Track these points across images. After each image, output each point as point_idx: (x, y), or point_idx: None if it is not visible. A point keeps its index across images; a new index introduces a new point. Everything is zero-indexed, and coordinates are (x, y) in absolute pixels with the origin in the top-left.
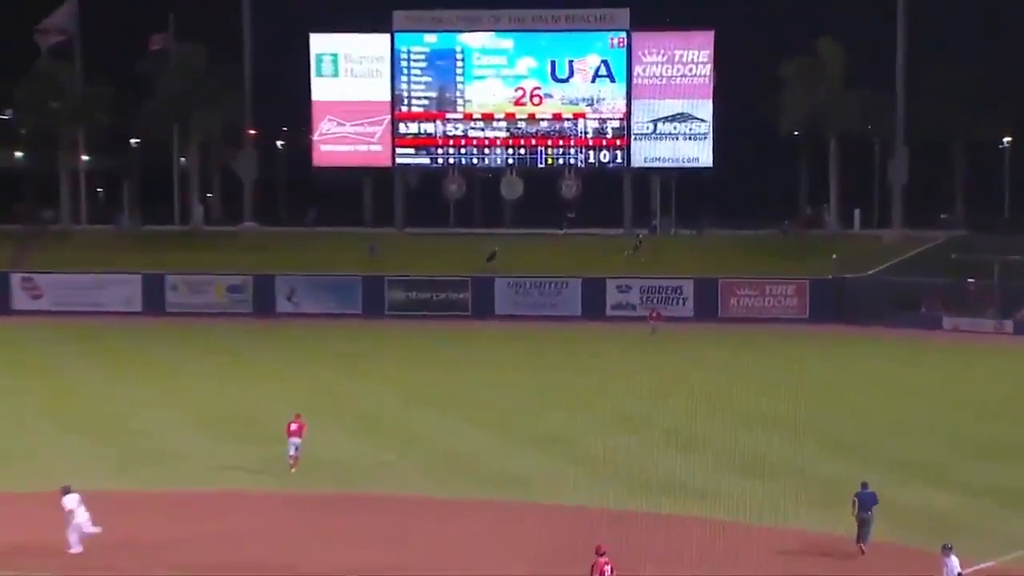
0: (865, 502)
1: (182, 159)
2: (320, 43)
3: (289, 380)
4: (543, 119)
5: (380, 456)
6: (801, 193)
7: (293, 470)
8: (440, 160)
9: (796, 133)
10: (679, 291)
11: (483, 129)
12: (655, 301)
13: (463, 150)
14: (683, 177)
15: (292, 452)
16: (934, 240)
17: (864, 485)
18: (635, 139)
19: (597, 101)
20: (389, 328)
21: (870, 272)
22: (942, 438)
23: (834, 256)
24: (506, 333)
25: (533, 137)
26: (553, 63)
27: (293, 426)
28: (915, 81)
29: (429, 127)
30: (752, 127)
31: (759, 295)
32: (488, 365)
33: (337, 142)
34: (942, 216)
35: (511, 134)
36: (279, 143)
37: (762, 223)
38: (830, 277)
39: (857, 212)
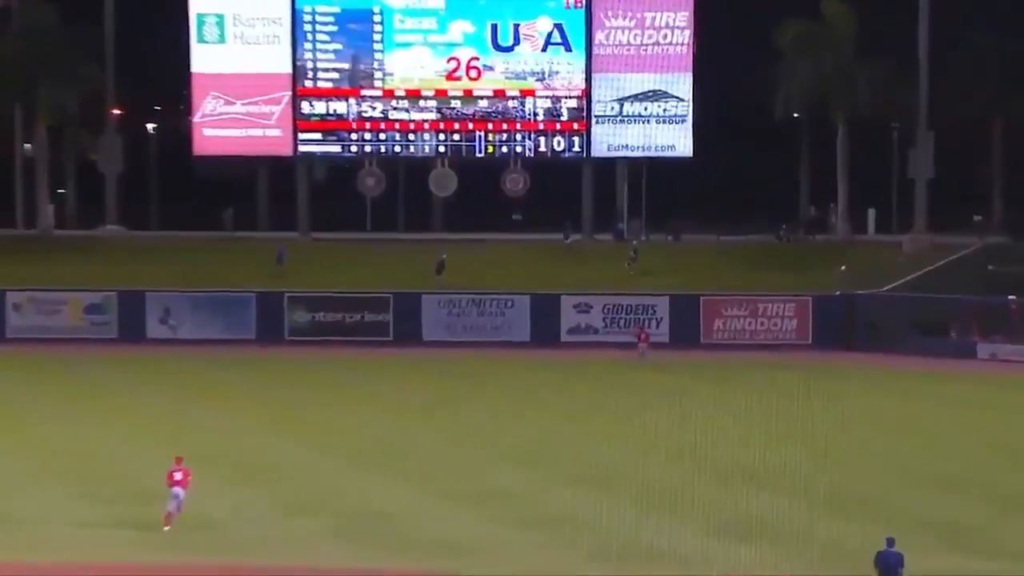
0: (891, 564)
1: (26, 145)
2: (201, 0)
3: (163, 423)
4: (482, 97)
5: (277, 517)
6: (802, 190)
7: (166, 528)
8: (354, 148)
9: (796, 116)
10: (652, 311)
11: (407, 110)
12: (637, 322)
13: (383, 136)
14: (656, 169)
15: (172, 507)
16: (966, 248)
17: (889, 543)
18: (596, 122)
19: (549, 75)
20: (290, 357)
21: (887, 288)
22: (977, 493)
23: (842, 268)
24: (436, 364)
25: (470, 120)
26: (494, 27)
27: (177, 475)
28: (942, 51)
29: (340, 107)
30: (742, 108)
31: (750, 316)
32: (412, 404)
33: (224, 125)
34: (976, 218)
35: (443, 116)
36: (150, 126)
37: (754, 227)
38: (838, 294)
39: (871, 213)
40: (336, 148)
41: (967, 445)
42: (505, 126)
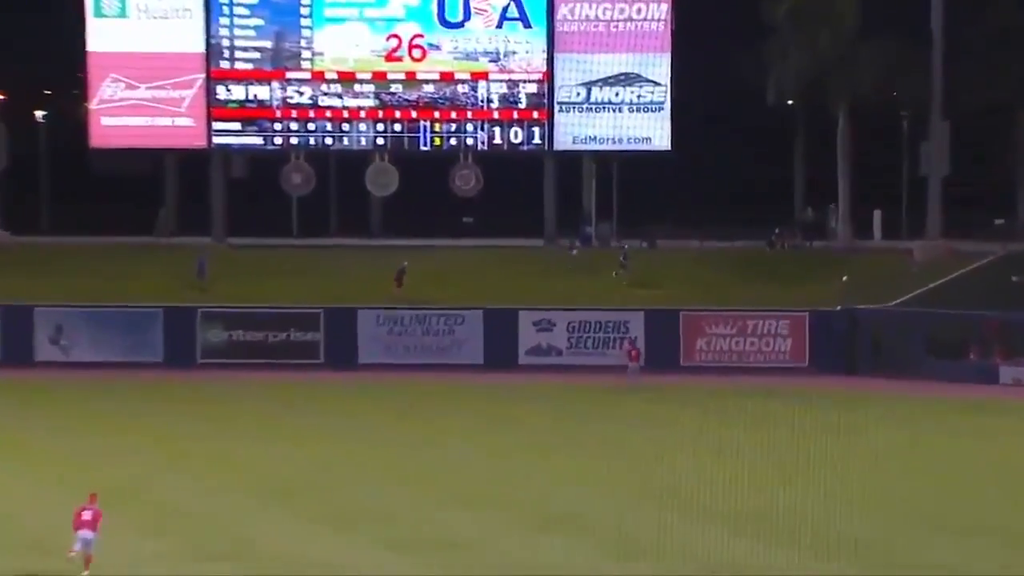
0: None
1: None
2: None
3: (53, 460)
4: (427, 81)
5: (185, 566)
6: (797, 189)
7: (85, 573)
8: (278, 140)
9: (790, 103)
10: (624, 328)
11: (340, 95)
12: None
13: (311, 126)
14: (629, 165)
15: (78, 547)
16: (986, 256)
17: None
18: (560, 110)
19: (505, 55)
20: (202, 383)
21: (896, 302)
22: (999, 540)
23: (844, 278)
24: (374, 391)
25: (413, 107)
26: (441, 0)
27: (86, 514)
28: (959, 28)
29: (261, 92)
30: (728, 94)
31: (738, 334)
32: (345, 437)
33: (126, 112)
34: (997, 222)
35: (381, 103)
36: (39, 114)
37: (742, 231)
38: (839, 309)
39: (877, 215)
40: (257, 140)
41: (987, 484)
42: (454, 115)
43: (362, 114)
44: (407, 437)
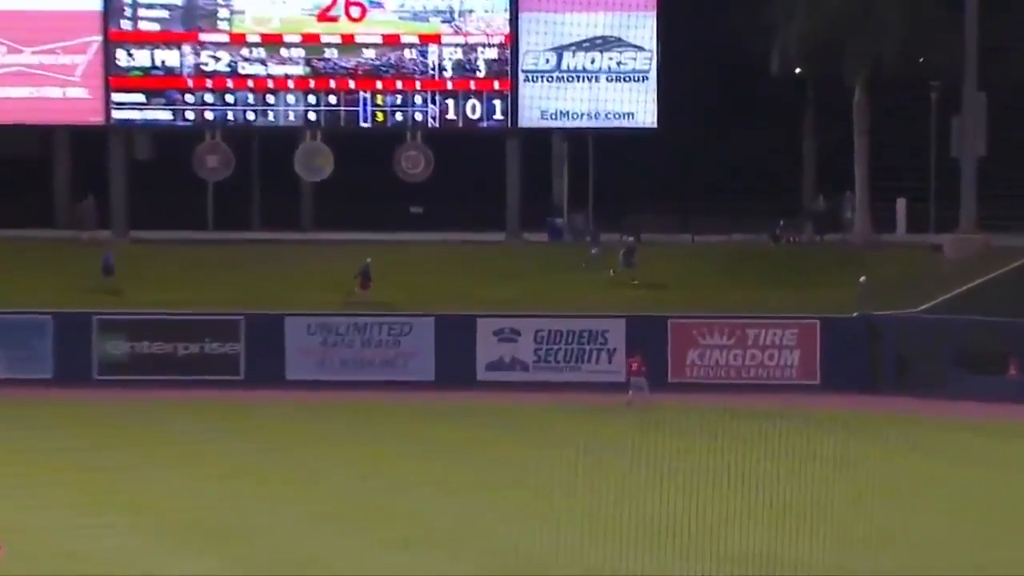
0: None
1: None
2: None
3: None
4: (368, 45)
5: None
6: (806, 173)
7: None
8: (190, 115)
9: (798, 72)
10: (602, 338)
11: (264, 62)
12: (631, 352)
13: (230, 98)
14: (608, 146)
15: None
16: None
17: None
18: (526, 80)
19: (460, 15)
20: (100, 403)
21: (924, 307)
22: None
23: (862, 279)
24: (302, 413)
25: (351, 76)
26: None
27: None
28: None
29: (170, 57)
30: (724, 62)
31: (736, 346)
32: (266, 470)
33: (7, 81)
34: None
35: (313, 71)
36: None
37: (741, 224)
38: (856, 316)
39: (901, 205)
40: (165, 115)
41: None
42: (400, 85)
43: (290, 84)
44: (341, 469)
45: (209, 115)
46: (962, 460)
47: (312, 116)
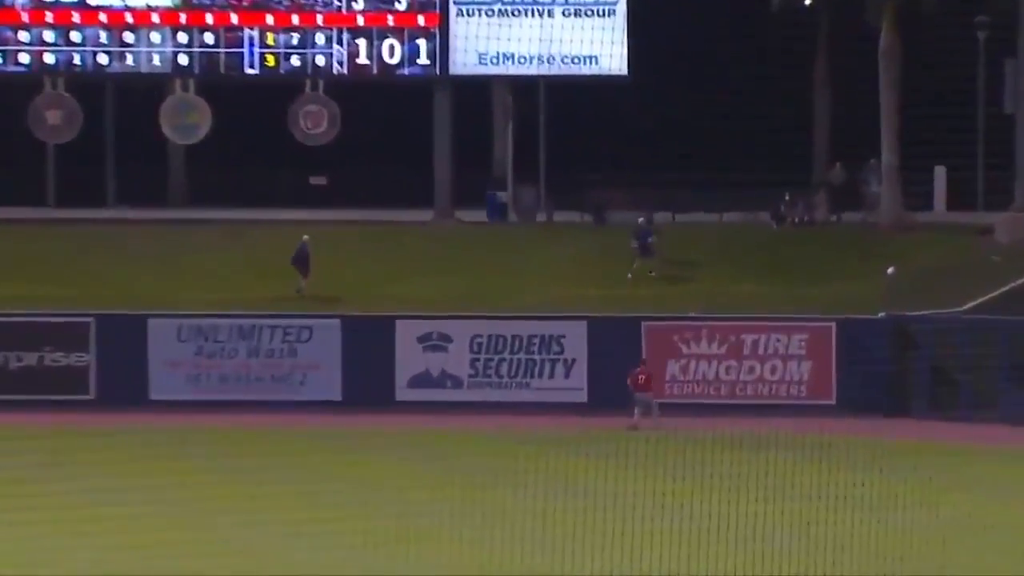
0: None
1: None
2: None
3: None
4: None
5: None
6: (819, 135)
7: None
8: (24, 58)
9: (808, 2)
10: (558, 345)
11: None
12: (637, 361)
13: (76, 35)
14: (565, 100)
15: None
16: None
17: None
18: (459, 15)
19: None
20: None
21: (968, 306)
22: None
23: (890, 270)
24: (171, 443)
25: (232, 9)
26: None
27: None
28: None
29: None
30: None
31: (730, 355)
32: (119, 515)
33: None
34: None
35: (184, 2)
36: None
37: (736, 200)
38: (881, 316)
39: (939, 175)
40: None
41: None
42: (296, 20)
43: (154, 19)
44: (217, 513)
45: (49, 58)
46: (1014, 496)
47: (183, 60)
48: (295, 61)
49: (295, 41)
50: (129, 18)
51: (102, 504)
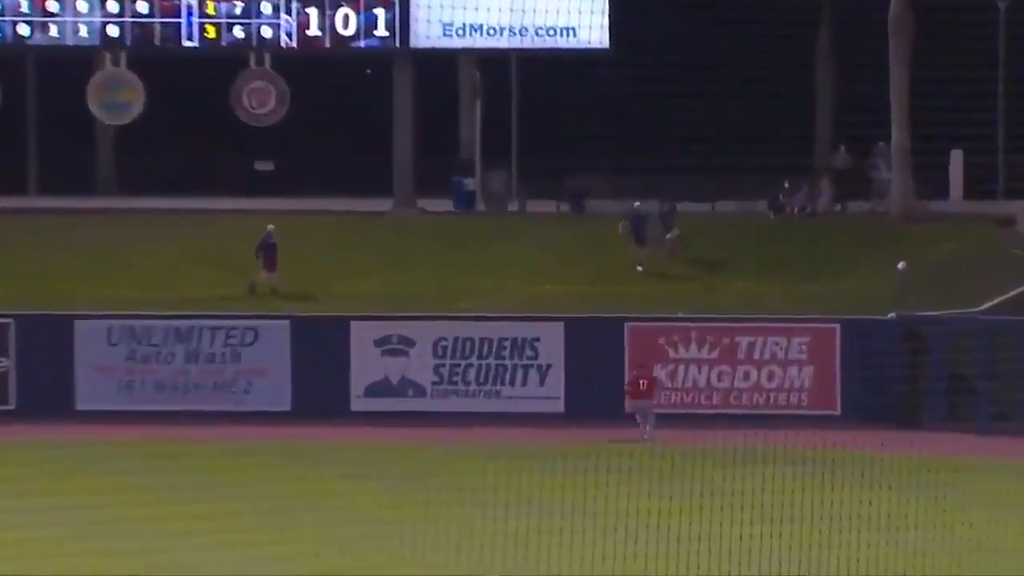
0: None
1: None
2: None
3: None
4: None
5: None
6: (821, 114)
7: None
8: None
9: None
10: (531, 349)
11: None
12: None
13: None
14: (539, 77)
15: None
16: None
17: None
18: None
19: None
20: None
21: (987, 305)
22: None
23: (901, 265)
24: (101, 459)
25: None
26: None
27: None
28: None
29: None
30: None
31: (722, 360)
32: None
33: None
34: None
35: None
36: None
37: (729, 188)
38: (891, 317)
39: (956, 160)
40: None
41: None
42: None
43: None
44: (144, 544)
45: None
46: None
47: (113, 32)
48: (238, 32)
49: (238, 10)
50: None
51: (21, 527)
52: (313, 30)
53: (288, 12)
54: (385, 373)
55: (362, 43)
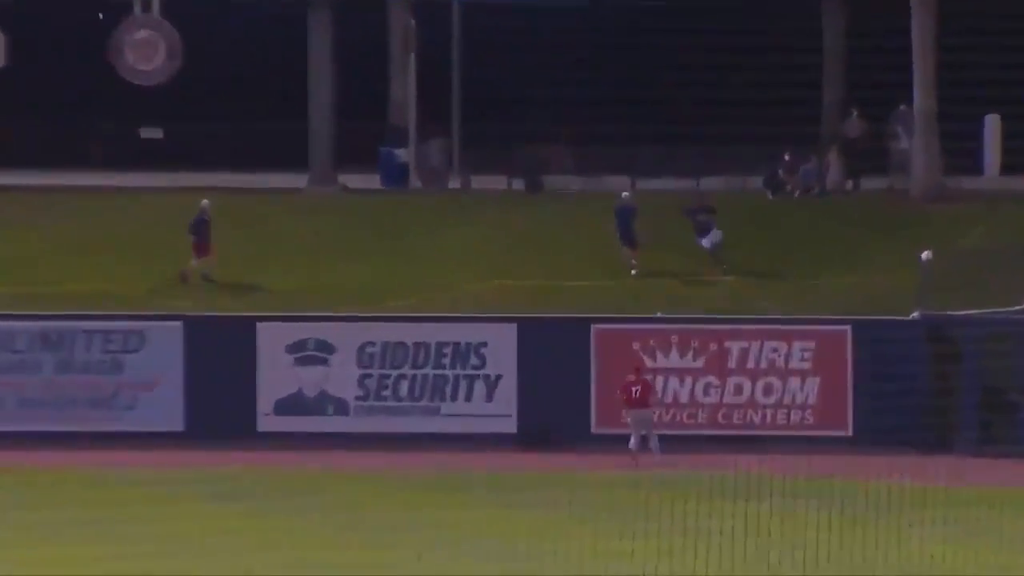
0: None
1: None
2: None
3: None
4: None
5: None
6: (828, 74)
7: None
8: None
9: None
10: (477, 357)
11: None
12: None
13: None
14: (488, 28)
15: None
16: None
17: None
18: None
19: None
20: None
21: None
22: None
23: (925, 255)
24: None
25: None
26: None
27: None
28: None
29: None
30: None
31: (709, 370)
32: None
33: None
34: None
35: None
36: None
37: (718, 161)
38: (914, 317)
39: (990, 126)
40: None
41: None
42: None
43: None
44: None
45: None
46: None
47: None
48: None
49: None
50: None
51: None
52: None
53: None
54: (299, 386)
55: None
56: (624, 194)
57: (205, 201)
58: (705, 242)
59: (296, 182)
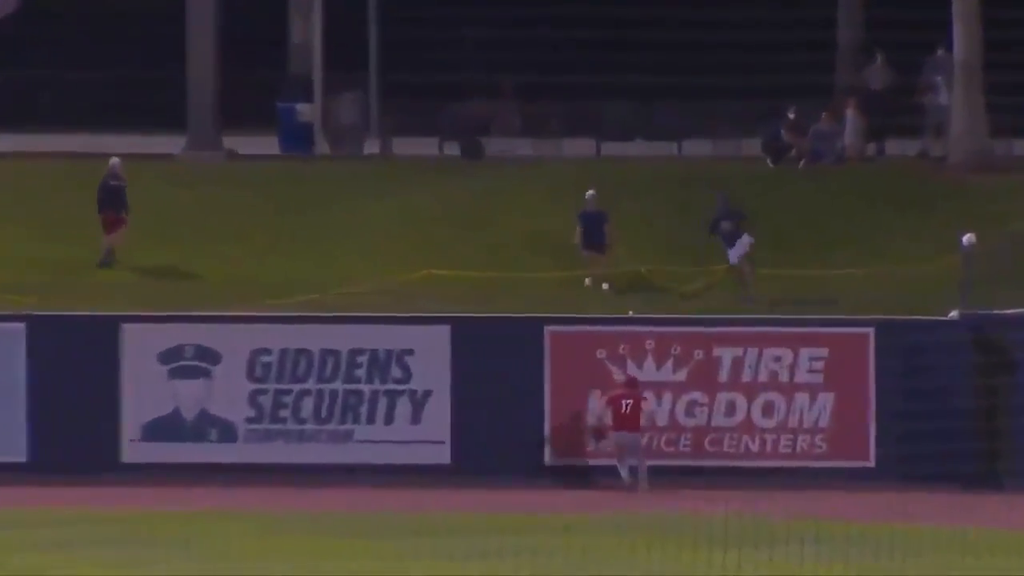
0: None
1: None
2: None
3: None
4: None
5: None
6: (843, 16)
7: None
8: None
9: None
10: (401, 367)
11: None
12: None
13: None
14: None
15: None
16: None
17: None
18: None
19: None
20: None
21: None
22: None
23: (966, 239)
24: None
25: None
26: None
27: None
28: None
29: None
30: None
31: (698, 385)
32: None
33: None
34: None
35: None
36: None
37: (704, 122)
38: (953, 317)
39: None
40: None
41: None
42: None
43: None
44: None
45: None
46: None
47: None
48: None
49: None
50: None
51: None
52: None
53: None
54: (174, 404)
55: None
56: (589, 193)
57: (115, 159)
58: (732, 256)
59: (170, 146)
